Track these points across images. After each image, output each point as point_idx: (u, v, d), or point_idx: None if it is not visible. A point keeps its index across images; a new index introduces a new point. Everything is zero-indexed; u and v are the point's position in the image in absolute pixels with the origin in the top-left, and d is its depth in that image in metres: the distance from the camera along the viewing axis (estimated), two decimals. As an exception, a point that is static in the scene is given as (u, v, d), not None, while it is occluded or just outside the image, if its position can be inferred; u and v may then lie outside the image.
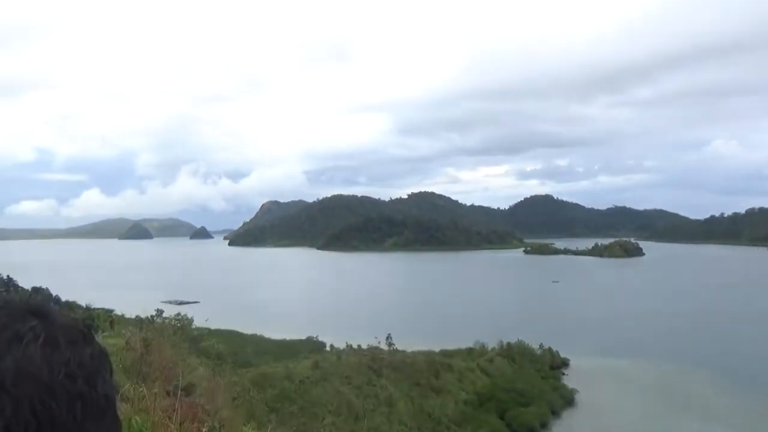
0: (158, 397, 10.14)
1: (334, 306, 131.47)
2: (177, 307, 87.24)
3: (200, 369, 23.70)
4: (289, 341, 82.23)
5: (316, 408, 52.24)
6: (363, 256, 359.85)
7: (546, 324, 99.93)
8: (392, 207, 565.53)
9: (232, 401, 20.53)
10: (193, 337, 33.86)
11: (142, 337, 22.91)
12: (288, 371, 59.58)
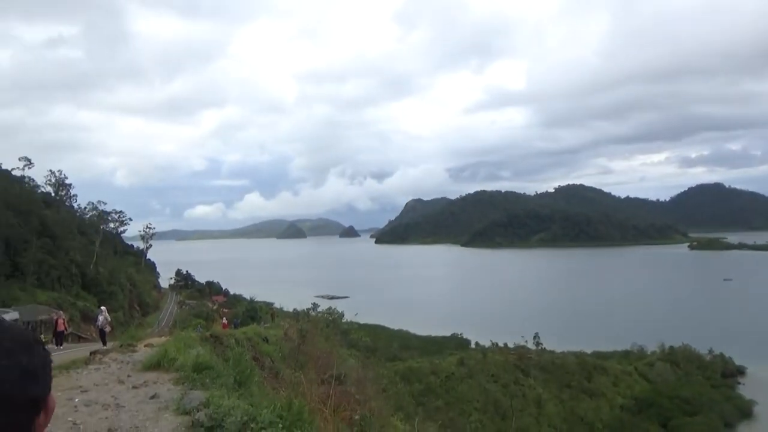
0: (314, 384, 11.02)
1: (478, 303, 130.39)
2: (328, 301, 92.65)
3: (350, 360, 25.09)
4: (434, 337, 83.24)
5: (462, 404, 52.43)
6: (507, 252, 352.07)
7: (716, 327, 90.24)
8: (538, 202, 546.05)
9: (380, 392, 21.48)
10: (343, 330, 35.78)
11: (298, 329, 24.84)
12: (433, 366, 60.49)
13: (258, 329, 27.73)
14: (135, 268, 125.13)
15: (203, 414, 7.61)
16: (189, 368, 11.88)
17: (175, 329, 37.27)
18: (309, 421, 6.97)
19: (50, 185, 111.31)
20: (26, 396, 1.10)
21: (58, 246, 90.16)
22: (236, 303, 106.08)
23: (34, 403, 1.16)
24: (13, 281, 76.35)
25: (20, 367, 1.10)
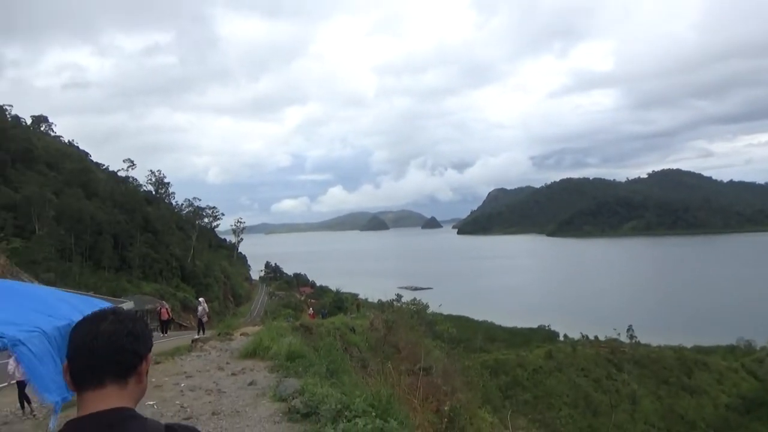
0: (402, 375, 11.16)
1: (566, 295, 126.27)
2: (412, 292, 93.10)
3: (435, 351, 25.13)
4: (521, 329, 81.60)
5: (550, 398, 51.13)
6: (597, 242, 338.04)
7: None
8: (629, 188, 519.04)
9: (467, 384, 21.39)
10: (428, 321, 35.85)
11: (384, 320, 25.18)
12: (520, 359, 59.34)
13: (345, 320, 28.42)
14: (228, 261, 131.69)
15: (299, 401, 7.93)
16: (282, 357, 12.40)
17: (267, 319, 38.90)
18: (400, 411, 7.07)
19: (151, 184, 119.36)
20: (131, 348, 1.64)
21: (160, 240, 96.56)
22: (323, 294, 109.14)
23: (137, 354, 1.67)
24: (122, 273, 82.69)
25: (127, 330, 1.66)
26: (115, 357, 1.60)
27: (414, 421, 7.75)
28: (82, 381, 1.57)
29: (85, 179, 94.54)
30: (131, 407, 1.58)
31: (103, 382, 1.56)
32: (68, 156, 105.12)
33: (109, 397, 1.54)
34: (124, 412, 1.52)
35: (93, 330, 1.62)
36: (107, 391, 1.55)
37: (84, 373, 1.57)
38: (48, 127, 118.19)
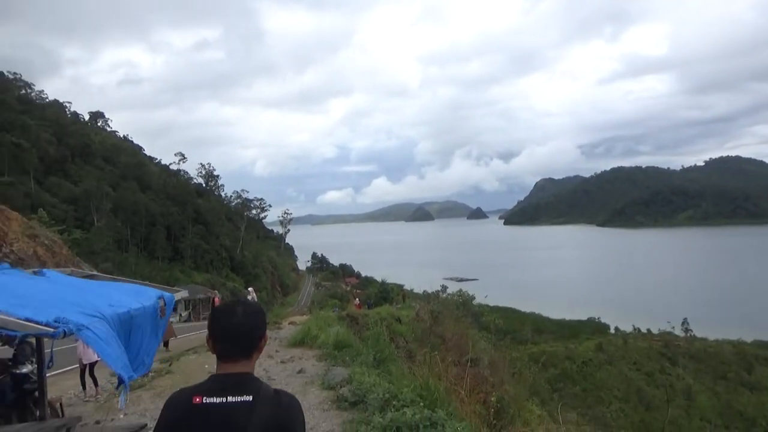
0: (449, 366, 11.12)
1: (617, 287, 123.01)
2: (458, 283, 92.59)
3: (482, 343, 24.95)
4: (569, 321, 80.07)
5: (600, 392, 50.08)
6: (650, 232, 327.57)
7: None
8: (685, 176, 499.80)
9: (513, 376, 21.16)
10: (474, 312, 35.58)
11: (430, 310, 25.17)
12: (569, 351, 58.32)
13: (391, 310, 28.57)
14: (275, 252, 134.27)
15: (347, 390, 8.03)
16: (330, 346, 12.58)
17: (314, 309, 39.45)
18: (447, 402, 7.05)
19: (201, 177, 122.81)
20: (256, 333, 2.22)
21: (210, 232, 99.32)
22: (368, 284, 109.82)
23: (260, 337, 2.24)
24: (175, 263, 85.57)
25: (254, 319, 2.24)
26: (245, 340, 2.19)
27: (461, 412, 7.72)
28: (222, 355, 2.18)
29: (139, 173, 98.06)
30: (252, 372, 2.19)
31: (236, 357, 2.16)
32: (123, 150, 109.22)
33: (239, 366, 2.15)
34: (249, 375, 2.15)
35: (230, 319, 2.20)
36: (239, 362, 2.16)
37: (224, 350, 2.17)
38: (104, 122, 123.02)
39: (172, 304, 4.94)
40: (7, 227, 32.53)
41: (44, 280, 4.58)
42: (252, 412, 2.04)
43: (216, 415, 2.03)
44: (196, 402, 2.08)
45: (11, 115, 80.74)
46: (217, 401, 2.06)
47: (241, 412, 2.03)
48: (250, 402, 2.06)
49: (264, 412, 2.05)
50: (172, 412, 2.14)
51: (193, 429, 2.04)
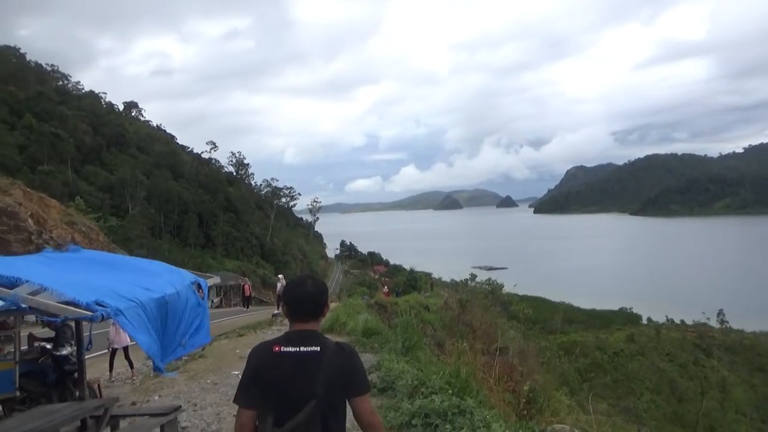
0: (477, 354, 11.11)
1: (651, 277, 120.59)
2: (486, 272, 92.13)
3: (511, 332, 24.82)
4: (600, 311, 78.92)
5: (631, 383, 49.34)
6: (685, 221, 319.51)
7: None
8: (723, 164, 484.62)
9: (542, 365, 21.01)
10: (503, 301, 35.35)
11: (458, 299, 25.11)
12: (599, 341, 57.58)
13: (419, 298, 28.63)
14: (305, 240, 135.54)
15: (375, 376, 8.08)
16: (359, 332, 12.68)
17: (343, 296, 39.73)
18: (476, 389, 7.04)
19: (232, 165, 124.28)
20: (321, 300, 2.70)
21: (241, 219, 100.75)
22: (396, 272, 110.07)
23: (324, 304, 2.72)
24: (206, 251, 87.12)
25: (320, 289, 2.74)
26: (313, 305, 2.68)
27: (490, 400, 7.71)
28: (294, 316, 2.68)
29: (172, 161, 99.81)
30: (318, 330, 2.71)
31: (307, 319, 2.68)
32: (157, 139, 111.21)
33: (309, 325, 2.67)
34: (316, 332, 2.67)
35: (302, 290, 2.71)
36: (308, 322, 2.67)
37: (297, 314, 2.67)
38: (138, 112, 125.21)
39: (206, 288, 5.04)
40: (47, 214, 33.52)
41: (85, 261, 4.72)
42: (320, 359, 2.54)
43: (291, 360, 2.53)
44: (276, 350, 2.56)
45: (50, 105, 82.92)
46: (292, 350, 2.55)
47: (311, 359, 2.53)
48: (318, 351, 2.56)
49: (331, 358, 2.54)
50: (256, 359, 2.61)
51: (273, 371, 2.52)
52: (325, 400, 2.48)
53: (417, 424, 5.85)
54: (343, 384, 2.56)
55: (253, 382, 2.54)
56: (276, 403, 2.49)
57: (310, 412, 2.44)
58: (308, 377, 2.49)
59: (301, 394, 2.46)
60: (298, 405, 2.45)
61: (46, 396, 7.39)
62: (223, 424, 6.96)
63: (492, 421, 5.68)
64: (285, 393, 2.49)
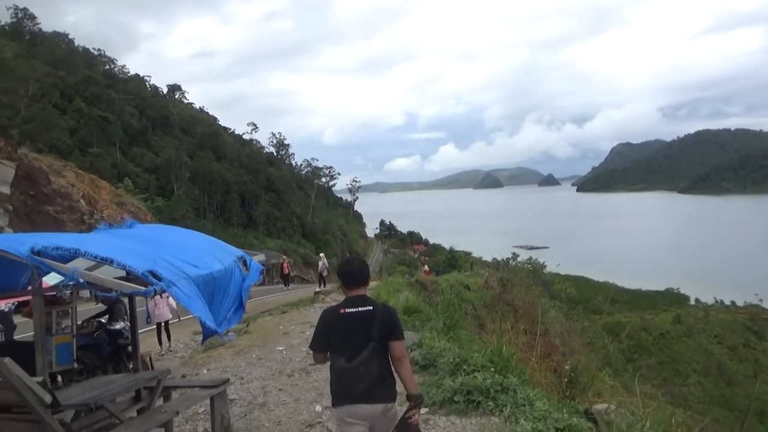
0: (519, 333, 11.04)
1: (700, 257, 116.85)
2: (528, 251, 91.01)
3: (553, 312, 24.53)
4: (645, 292, 77.19)
5: (677, 364, 48.30)
6: (738, 199, 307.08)
7: None
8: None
9: (585, 346, 20.72)
10: (544, 281, 34.90)
11: (499, 278, 24.92)
12: (644, 322, 56.44)
13: (459, 277, 28.51)
14: (344, 219, 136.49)
15: (417, 353, 8.14)
16: (400, 311, 12.74)
17: (383, 275, 39.93)
18: (519, 368, 7.01)
19: (272, 146, 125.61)
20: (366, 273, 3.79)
21: (282, 199, 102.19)
22: (436, 252, 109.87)
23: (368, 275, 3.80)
24: (249, 230, 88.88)
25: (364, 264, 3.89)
26: (360, 277, 3.72)
27: (532, 379, 7.67)
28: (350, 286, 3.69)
29: (214, 143, 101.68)
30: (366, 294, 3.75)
31: (358, 286, 3.70)
32: (199, 121, 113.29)
33: (360, 291, 3.70)
34: (366, 296, 3.72)
35: (352, 266, 3.82)
36: (360, 289, 3.70)
37: (351, 283, 3.69)
38: (181, 94, 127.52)
39: (257, 267, 5.16)
40: (97, 195, 34.70)
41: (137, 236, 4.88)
42: (374, 315, 3.60)
43: (353, 318, 3.57)
44: (341, 312, 3.60)
45: (98, 89, 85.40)
46: (353, 310, 3.59)
47: (368, 315, 3.58)
48: (371, 310, 3.62)
49: (381, 314, 3.61)
50: (328, 318, 3.67)
51: (342, 326, 3.57)
52: (378, 342, 3.52)
53: (459, 401, 5.89)
54: (388, 332, 3.56)
55: (325, 334, 3.62)
56: (344, 347, 3.54)
57: (370, 350, 3.51)
58: (367, 328, 3.53)
59: (362, 339, 3.52)
60: (360, 347, 3.51)
61: (101, 368, 7.74)
62: (269, 397, 7.16)
63: (535, 399, 5.66)
64: (350, 340, 3.54)
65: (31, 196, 25.97)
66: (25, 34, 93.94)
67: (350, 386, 3.50)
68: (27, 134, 48.57)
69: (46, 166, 29.86)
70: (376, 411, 3.52)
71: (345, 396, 3.54)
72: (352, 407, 3.50)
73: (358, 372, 3.48)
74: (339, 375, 3.57)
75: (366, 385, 3.48)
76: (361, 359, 3.48)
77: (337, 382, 3.61)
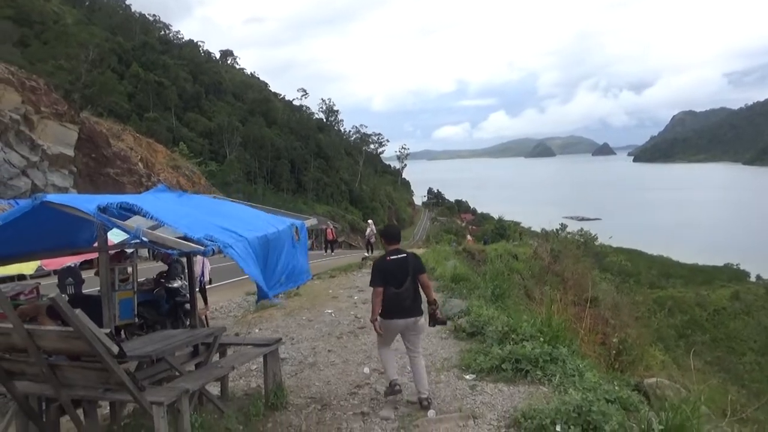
0: (568, 305, 10.88)
1: (763, 232, 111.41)
2: (578, 223, 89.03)
3: (603, 284, 24.04)
4: (702, 267, 74.41)
5: (732, 342, 46.68)
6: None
7: None
8: None
9: (636, 320, 20.30)
10: (595, 252, 34.24)
11: (549, 248, 24.56)
12: (700, 298, 54.58)
13: (508, 247, 28.23)
14: (392, 186, 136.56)
15: (465, 321, 8.16)
16: (448, 278, 12.76)
17: (430, 243, 39.95)
18: (569, 339, 6.94)
19: (322, 112, 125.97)
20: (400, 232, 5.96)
21: (330, 166, 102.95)
22: (483, 221, 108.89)
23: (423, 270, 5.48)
24: (298, 195, 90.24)
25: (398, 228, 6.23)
26: (398, 237, 5.59)
27: (582, 351, 7.58)
28: (391, 242, 5.48)
29: (265, 108, 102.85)
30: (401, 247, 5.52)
31: (395, 243, 5.48)
32: (251, 87, 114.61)
33: (397, 246, 5.47)
34: (401, 249, 5.48)
35: (393, 229, 5.79)
36: (397, 244, 5.49)
37: (391, 241, 5.49)
38: (233, 60, 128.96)
39: (305, 230, 5.26)
40: (154, 159, 35.84)
41: (193, 204, 5.02)
42: (407, 260, 5.34)
43: (395, 263, 5.30)
44: (388, 259, 5.35)
45: (153, 55, 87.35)
46: (394, 257, 5.33)
47: (404, 260, 5.32)
48: (406, 256, 5.35)
49: (412, 259, 5.37)
50: (380, 265, 5.41)
51: (389, 267, 5.28)
52: (413, 276, 5.28)
53: (507, 369, 5.89)
54: (418, 269, 5.35)
55: (379, 275, 5.28)
56: (392, 281, 5.21)
57: (409, 281, 5.24)
58: (404, 268, 5.29)
59: (403, 275, 5.25)
60: (402, 280, 5.22)
61: (160, 323, 8.12)
62: (318, 358, 7.35)
63: (585, 370, 5.60)
64: (395, 276, 5.24)
65: (93, 159, 27.08)
66: (85, 1, 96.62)
67: (400, 304, 5.20)
68: (88, 98, 50.44)
69: (106, 130, 30.99)
70: (410, 322, 5.31)
71: (396, 311, 5.23)
72: (399, 320, 5.27)
73: (404, 294, 5.19)
74: (392, 297, 5.18)
75: (409, 303, 5.24)
76: (406, 287, 5.21)
77: (390, 302, 5.19)
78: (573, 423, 4.26)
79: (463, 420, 4.83)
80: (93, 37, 70.31)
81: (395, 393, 5.33)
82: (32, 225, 4.19)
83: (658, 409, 4.99)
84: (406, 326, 5.27)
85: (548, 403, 4.76)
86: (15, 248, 4.58)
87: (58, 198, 3.91)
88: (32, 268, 9.92)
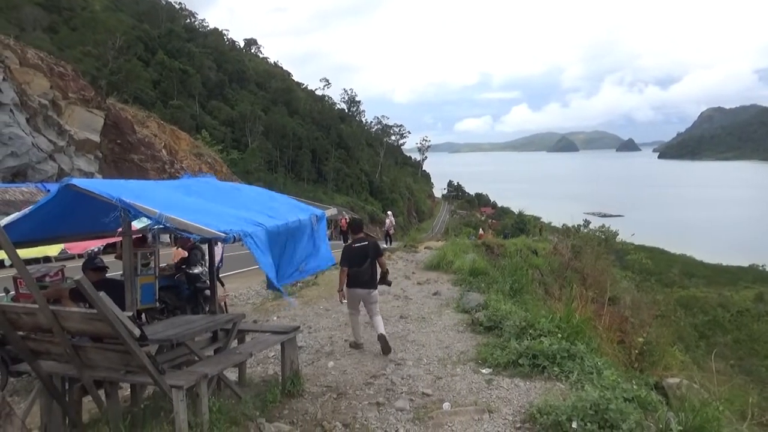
0: (587, 302, 10.78)
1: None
2: (600, 219, 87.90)
3: (623, 282, 23.74)
4: (725, 267, 73.16)
5: (755, 344, 45.79)
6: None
7: None
8: None
9: (656, 319, 20.01)
10: (616, 249, 33.73)
11: (569, 244, 24.30)
12: (723, 299, 53.70)
13: (527, 241, 27.99)
14: (413, 178, 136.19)
15: (482, 315, 8.13)
16: (466, 272, 12.72)
17: (449, 236, 39.83)
18: (588, 336, 6.88)
19: (344, 102, 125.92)
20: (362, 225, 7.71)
21: (351, 156, 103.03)
22: (503, 215, 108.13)
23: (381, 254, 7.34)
24: (318, 185, 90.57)
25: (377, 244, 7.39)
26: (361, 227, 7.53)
27: (601, 348, 7.51)
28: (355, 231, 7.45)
29: (288, 97, 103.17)
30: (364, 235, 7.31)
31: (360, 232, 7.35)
32: (274, 76, 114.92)
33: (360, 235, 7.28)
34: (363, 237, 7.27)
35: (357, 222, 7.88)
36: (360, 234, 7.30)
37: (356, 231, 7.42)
38: (257, 49, 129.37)
39: (324, 220, 5.26)
40: (178, 146, 36.23)
41: (217, 191, 5.07)
42: (368, 245, 7.10)
43: (358, 248, 7.03)
44: (353, 246, 7.06)
45: (179, 43, 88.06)
46: (358, 244, 7.08)
47: (365, 246, 7.07)
48: (367, 244, 7.11)
49: (371, 245, 7.16)
50: (347, 250, 7.07)
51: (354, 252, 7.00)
52: (372, 258, 6.97)
53: (524, 364, 5.86)
54: (376, 252, 7.06)
55: (345, 257, 6.92)
56: (355, 262, 6.88)
57: (368, 262, 6.94)
58: (365, 252, 6.95)
59: (363, 257, 6.91)
60: (362, 262, 6.90)
61: (180, 308, 8.26)
62: (335, 347, 7.40)
63: (604, 368, 5.55)
64: (357, 258, 6.92)
65: (118, 144, 27.49)
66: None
67: (360, 278, 6.94)
68: (114, 85, 51.12)
69: (131, 116, 31.40)
70: (366, 293, 7.00)
71: (357, 284, 6.95)
72: (359, 290, 6.99)
73: (363, 272, 6.93)
74: (355, 273, 6.92)
75: (365, 279, 6.96)
76: (365, 266, 6.93)
77: (353, 276, 6.93)
78: (589, 420, 4.22)
79: (478, 413, 4.83)
80: (120, 24, 71.12)
81: (358, 347, 7.21)
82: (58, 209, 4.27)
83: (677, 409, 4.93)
84: (364, 295, 7.00)
85: (564, 399, 4.72)
86: (42, 232, 4.68)
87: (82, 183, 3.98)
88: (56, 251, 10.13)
